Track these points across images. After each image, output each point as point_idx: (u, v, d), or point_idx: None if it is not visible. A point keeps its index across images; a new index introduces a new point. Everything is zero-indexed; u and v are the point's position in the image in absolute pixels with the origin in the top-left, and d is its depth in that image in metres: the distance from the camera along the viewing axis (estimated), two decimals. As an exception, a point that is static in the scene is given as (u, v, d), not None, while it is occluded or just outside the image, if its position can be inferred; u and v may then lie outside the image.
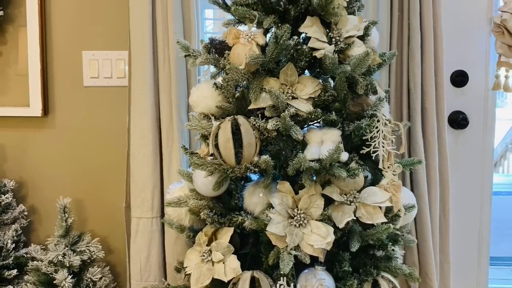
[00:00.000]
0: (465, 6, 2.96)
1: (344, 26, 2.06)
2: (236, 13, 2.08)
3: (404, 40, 2.79)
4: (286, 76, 1.99)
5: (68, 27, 3.07)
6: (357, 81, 2.00)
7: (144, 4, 2.77)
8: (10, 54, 3.11)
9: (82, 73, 3.08)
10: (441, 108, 2.81)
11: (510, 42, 2.84)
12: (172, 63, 2.80)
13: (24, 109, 3.09)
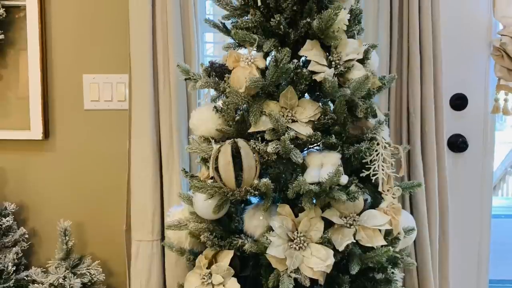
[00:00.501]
0: (465, 30, 2.98)
1: (344, 50, 2.05)
2: (236, 36, 2.07)
3: (403, 63, 2.80)
4: (286, 99, 1.99)
5: (69, 50, 3.08)
6: (356, 104, 2.00)
7: (144, 27, 2.78)
8: (11, 77, 3.12)
9: (83, 96, 3.09)
10: (440, 131, 2.82)
11: (509, 65, 2.85)
12: (173, 87, 2.81)
13: (25, 132, 3.10)
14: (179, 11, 2.81)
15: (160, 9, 2.79)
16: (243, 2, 2.12)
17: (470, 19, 2.98)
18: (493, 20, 2.96)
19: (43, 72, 3.05)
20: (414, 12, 2.72)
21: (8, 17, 3.04)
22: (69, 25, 3.07)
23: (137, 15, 2.79)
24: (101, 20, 3.04)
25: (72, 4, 3.05)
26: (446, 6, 2.87)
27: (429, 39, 2.74)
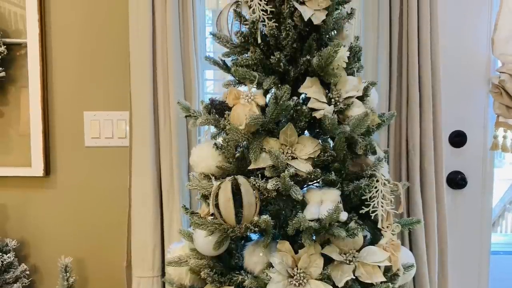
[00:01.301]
0: (464, 67, 3.00)
1: (344, 87, 2.06)
2: (236, 74, 2.08)
3: (403, 100, 2.82)
4: (286, 137, 2.00)
5: (70, 87, 3.10)
6: (356, 141, 2.01)
7: (145, 65, 2.80)
8: (12, 115, 3.13)
9: (84, 133, 3.10)
10: (439, 168, 2.83)
11: (508, 102, 2.86)
12: (173, 123, 2.82)
13: (26, 169, 3.11)
14: (179, 49, 2.83)
15: (161, 46, 2.81)
16: (243, 40, 2.12)
17: (469, 57, 3.01)
18: (492, 57, 2.98)
19: (44, 109, 3.07)
20: (414, 50, 2.73)
21: (10, 54, 3.07)
22: (70, 62, 3.09)
23: (138, 52, 2.81)
24: (101, 57, 3.07)
25: (73, 42, 3.07)
26: (446, 43, 2.89)
27: (428, 77, 2.75)
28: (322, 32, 2.08)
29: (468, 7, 2.98)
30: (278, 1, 2.04)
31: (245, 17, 2.13)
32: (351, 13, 2.21)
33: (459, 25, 2.99)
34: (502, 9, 2.87)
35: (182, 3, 2.82)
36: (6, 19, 3.08)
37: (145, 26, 2.79)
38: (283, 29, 2.01)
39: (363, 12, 2.83)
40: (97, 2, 3.04)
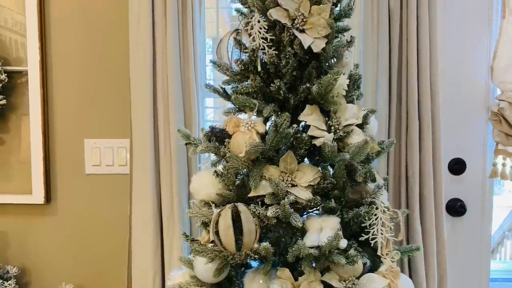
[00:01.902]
0: (463, 95, 3.01)
1: (343, 115, 2.06)
2: (237, 101, 2.09)
3: (402, 128, 2.83)
4: (286, 164, 2.00)
5: (70, 115, 3.11)
6: (356, 169, 2.01)
7: (145, 92, 2.82)
8: (13, 142, 3.14)
9: (84, 161, 3.12)
10: (439, 196, 2.83)
11: (507, 130, 2.86)
12: (173, 151, 2.84)
13: (27, 197, 3.12)
14: (179, 76, 2.84)
15: (161, 74, 2.82)
16: (243, 68, 2.13)
17: (468, 84, 3.02)
18: (491, 85, 2.99)
19: (45, 136, 3.08)
20: (413, 78, 2.74)
21: (10, 82, 3.08)
22: (70, 90, 3.11)
23: (138, 80, 2.83)
24: (102, 85, 3.09)
25: (74, 69, 3.09)
26: (445, 71, 2.91)
27: (427, 105, 2.76)
28: (322, 60, 2.08)
29: (468, 35, 2.99)
30: (278, 29, 2.04)
31: (245, 45, 2.13)
32: (350, 41, 2.22)
33: (458, 53, 3.00)
34: (502, 37, 2.88)
35: (182, 31, 2.84)
36: (7, 47, 3.10)
37: (146, 53, 2.81)
38: (283, 57, 2.01)
39: (363, 40, 2.84)
40: (98, 30, 3.06)
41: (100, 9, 3.06)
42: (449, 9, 2.95)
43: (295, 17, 2.00)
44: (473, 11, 2.98)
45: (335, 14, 2.13)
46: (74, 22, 3.07)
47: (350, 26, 2.25)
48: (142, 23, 2.81)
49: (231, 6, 3.31)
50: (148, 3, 2.78)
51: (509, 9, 2.86)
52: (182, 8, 2.83)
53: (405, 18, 2.76)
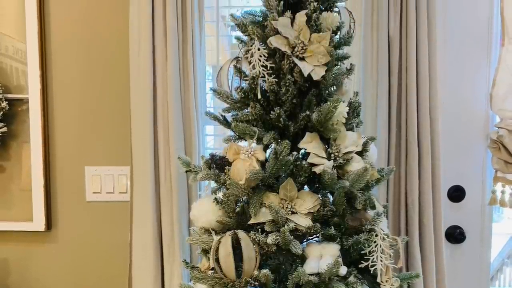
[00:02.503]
0: (462, 122, 3.01)
1: (343, 142, 2.06)
2: (237, 129, 2.09)
3: (402, 155, 2.83)
4: (286, 191, 2.00)
5: (71, 143, 3.12)
6: (355, 196, 2.01)
7: (145, 120, 2.82)
8: (14, 170, 3.15)
9: (85, 188, 3.12)
10: (438, 223, 2.83)
11: (507, 157, 2.87)
12: (174, 178, 2.84)
13: (28, 224, 3.12)
14: (179, 104, 2.85)
15: (161, 101, 2.83)
16: (243, 95, 2.13)
17: (467, 112, 3.02)
18: (490, 113, 3.00)
19: (46, 164, 3.09)
20: (413, 105, 2.75)
21: (11, 110, 3.09)
22: (71, 118, 3.12)
23: (138, 107, 2.84)
24: (102, 113, 3.10)
25: (74, 97, 3.11)
26: (444, 98, 2.91)
27: (427, 133, 2.77)
28: (322, 88, 2.08)
29: (467, 63, 2.99)
30: (278, 57, 2.05)
31: (245, 72, 2.15)
32: (350, 68, 2.22)
33: (458, 81, 3.00)
34: (501, 65, 2.89)
35: (182, 59, 2.85)
36: (8, 74, 3.11)
37: (146, 81, 2.82)
38: (283, 84, 2.02)
39: (363, 68, 2.85)
40: (98, 58, 3.08)
41: (101, 37, 3.07)
42: (449, 37, 2.96)
43: (295, 45, 2.01)
44: (473, 39, 2.99)
45: (335, 42, 2.13)
46: (75, 50, 3.09)
47: (350, 53, 2.25)
48: (143, 51, 2.82)
49: (231, 34, 3.33)
50: (149, 31, 2.80)
51: (508, 38, 2.87)
52: (182, 36, 2.85)
53: (404, 46, 2.77)
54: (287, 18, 2.03)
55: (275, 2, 2.04)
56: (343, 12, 2.22)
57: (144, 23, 2.81)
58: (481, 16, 2.99)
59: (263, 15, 2.16)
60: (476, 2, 2.97)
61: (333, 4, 2.19)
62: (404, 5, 2.74)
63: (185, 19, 2.84)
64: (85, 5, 3.06)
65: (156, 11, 2.81)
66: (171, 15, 2.79)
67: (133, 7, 2.82)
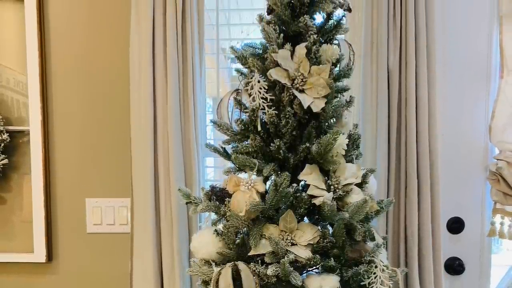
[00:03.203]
0: (462, 154, 3.02)
1: (343, 174, 2.06)
2: (237, 161, 2.10)
3: (401, 187, 2.83)
4: (286, 223, 2.00)
5: (72, 175, 3.13)
6: (355, 227, 2.01)
7: (146, 152, 2.83)
8: (15, 201, 3.15)
9: (85, 220, 3.12)
10: (437, 255, 2.83)
11: (506, 189, 2.87)
12: (174, 210, 2.84)
13: (29, 255, 3.12)
14: (180, 136, 2.86)
15: (162, 133, 2.84)
16: (243, 127, 2.14)
17: (467, 144, 3.03)
18: (489, 144, 3.00)
19: (46, 196, 3.09)
20: (412, 138, 2.75)
21: (12, 141, 3.10)
22: (72, 150, 3.12)
23: (139, 139, 2.85)
24: (103, 145, 3.10)
25: (75, 129, 3.12)
26: (444, 130, 2.92)
27: (426, 164, 2.77)
28: (321, 120, 2.09)
29: (466, 95, 3.00)
30: (278, 89, 2.06)
31: (245, 105, 2.16)
32: (350, 101, 2.23)
33: (457, 113, 3.01)
34: (500, 97, 2.90)
35: (183, 91, 2.86)
36: (9, 106, 3.12)
37: (146, 113, 2.83)
38: (283, 116, 2.03)
39: (362, 100, 2.86)
40: (99, 90, 3.09)
41: (101, 68, 3.08)
42: (448, 68, 2.96)
43: (294, 77, 2.02)
44: (472, 71, 3.00)
45: (334, 74, 2.14)
46: (76, 82, 3.10)
47: (350, 86, 2.27)
48: (143, 83, 2.83)
49: (231, 66, 3.34)
50: (149, 63, 2.81)
51: (507, 70, 2.89)
52: (183, 68, 2.86)
53: (404, 79, 2.77)
54: (287, 50, 2.04)
55: (275, 35, 2.06)
56: (342, 45, 2.23)
57: (144, 55, 2.82)
58: (480, 48, 3.00)
59: (263, 47, 2.17)
60: (475, 34, 2.99)
61: (333, 36, 2.21)
62: (404, 38, 2.75)
63: (185, 51, 2.85)
64: (86, 38, 3.08)
65: (157, 43, 2.82)
66: (171, 47, 2.81)
67: (134, 39, 2.84)
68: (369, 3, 2.80)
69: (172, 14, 2.80)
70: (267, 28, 2.07)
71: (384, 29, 2.76)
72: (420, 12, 2.73)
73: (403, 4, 2.74)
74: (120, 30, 3.00)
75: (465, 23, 2.99)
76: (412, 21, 2.72)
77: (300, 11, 2.11)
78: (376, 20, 2.79)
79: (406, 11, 2.73)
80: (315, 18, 2.17)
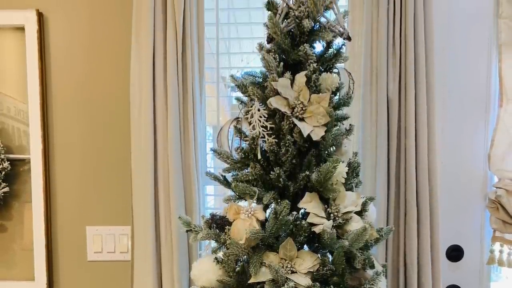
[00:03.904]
0: (461, 182, 3.03)
1: (342, 202, 2.07)
2: (237, 189, 2.10)
3: (400, 215, 2.83)
4: (286, 251, 2.01)
5: (72, 202, 3.13)
6: (355, 255, 2.01)
7: (146, 180, 2.84)
8: (16, 229, 3.15)
9: (86, 247, 3.13)
10: (437, 283, 2.82)
11: (505, 217, 2.88)
12: (174, 238, 2.84)
13: (29, 283, 3.12)
14: (180, 164, 2.87)
15: (162, 162, 2.85)
16: (243, 156, 2.15)
17: (466, 172, 3.04)
18: (488, 173, 3.01)
19: (47, 223, 3.10)
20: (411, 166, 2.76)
21: (13, 170, 3.11)
22: (72, 177, 3.13)
23: (139, 168, 2.86)
24: (103, 173, 3.12)
25: (76, 157, 3.13)
26: (443, 158, 2.94)
27: (426, 194, 2.77)
28: (321, 148, 2.10)
29: (466, 123, 3.01)
30: (277, 118, 2.07)
31: (245, 133, 2.16)
32: (349, 129, 2.25)
33: (456, 141, 3.02)
34: (499, 126, 2.91)
35: (183, 119, 2.87)
36: (10, 135, 3.13)
37: (147, 141, 2.84)
38: (283, 145, 2.04)
39: (362, 129, 2.86)
40: (99, 118, 3.10)
41: (102, 97, 3.10)
42: (448, 97, 2.98)
43: (294, 105, 2.03)
44: (471, 99, 3.01)
45: (334, 102, 2.15)
46: (76, 110, 3.12)
47: (349, 114, 2.28)
48: (144, 111, 2.84)
49: (232, 95, 3.35)
50: (150, 91, 2.83)
51: (506, 98, 2.90)
52: (183, 97, 2.87)
53: (403, 107, 2.78)
54: (287, 79, 2.05)
55: (275, 63, 2.07)
56: (342, 73, 2.23)
57: (145, 83, 2.83)
58: (480, 76, 3.02)
59: (263, 76, 2.19)
60: (474, 62, 3.00)
61: (333, 65, 2.22)
62: (403, 66, 2.76)
63: (185, 80, 2.87)
64: (86, 66, 3.10)
65: (157, 72, 2.84)
66: (172, 75, 2.83)
67: (134, 67, 2.85)
68: (368, 32, 2.82)
69: (172, 42, 2.82)
70: (267, 56, 2.09)
71: (383, 58, 2.77)
72: (419, 41, 2.74)
73: (402, 33, 2.76)
74: (121, 58, 3.03)
75: (464, 52, 3.00)
76: (411, 49, 2.73)
77: (300, 39, 2.13)
78: (375, 48, 2.81)
79: (405, 40, 2.74)
80: (315, 47, 2.18)
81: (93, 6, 3.07)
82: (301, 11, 2.08)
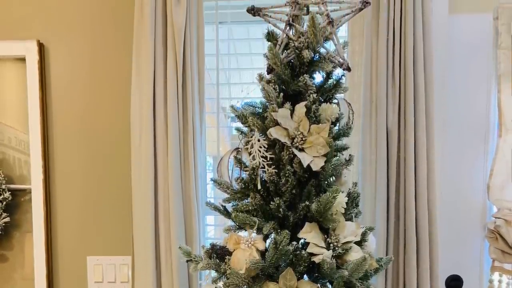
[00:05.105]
0: (460, 212, 3.02)
1: (342, 232, 2.07)
2: (237, 219, 2.10)
3: (400, 245, 2.83)
4: (286, 281, 2.00)
5: (73, 233, 3.14)
6: (354, 285, 2.01)
7: (147, 210, 2.85)
8: (17, 259, 3.15)
9: (87, 277, 3.13)
10: (437, 313, 2.82)
11: (504, 247, 2.87)
12: (174, 268, 2.84)
13: (31, 312, 3.11)
14: (180, 194, 2.88)
15: (162, 192, 2.86)
16: (243, 186, 2.16)
17: (465, 202, 3.03)
18: (487, 203, 3.01)
19: (48, 253, 3.10)
20: (411, 197, 2.76)
21: (14, 200, 3.12)
22: (73, 208, 3.14)
23: (140, 198, 2.87)
24: (104, 203, 3.13)
25: (77, 187, 3.15)
26: (442, 188, 2.92)
27: (425, 224, 2.77)
28: (321, 178, 2.10)
29: (465, 153, 3.02)
30: (277, 148, 2.08)
31: (245, 163, 2.17)
32: (349, 159, 2.25)
33: (455, 171, 3.02)
34: (498, 156, 2.91)
35: (183, 149, 2.89)
36: (11, 165, 3.14)
37: (147, 171, 2.85)
38: (283, 175, 2.05)
39: (361, 159, 2.87)
40: (100, 148, 3.12)
41: (102, 127, 3.12)
42: (447, 128, 2.98)
43: (294, 136, 2.04)
44: (470, 129, 3.02)
45: (334, 133, 2.15)
46: (77, 141, 3.13)
47: (349, 144, 2.29)
48: (144, 141, 2.85)
49: (232, 125, 3.36)
50: (150, 121, 2.84)
51: (505, 128, 2.90)
52: (183, 127, 2.89)
53: (403, 138, 2.78)
54: (287, 109, 2.06)
55: (275, 94, 2.08)
56: (342, 104, 2.24)
57: (145, 113, 2.85)
58: (479, 106, 3.02)
59: (263, 106, 2.20)
60: (474, 93, 3.01)
61: (332, 95, 2.23)
62: (403, 97, 2.77)
63: (186, 110, 2.88)
64: (87, 96, 3.12)
65: (158, 102, 2.85)
66: (172, 106, 2.84)
67: (135, 97, 2.87)
68: (368, 62, 2.83)
69: (173, 73, 2.83)
70: (267, 87, 2.10)
71: (383, 88, 2.78)
72: (419, 71, 2.75)
73: (402, 63, 2.77)
74: (121, 88, 3.04)
75: (464, 82, 3.01)
76: (411, 80, 2.74)
77: (299, 70, 2.13)
78: (375, 79, 2.82)
79: (405, 70, 2.75)
80: (315, 77, 2.19)
81: (93, 37, 3.10)
82: (301, 41, 2.09)
